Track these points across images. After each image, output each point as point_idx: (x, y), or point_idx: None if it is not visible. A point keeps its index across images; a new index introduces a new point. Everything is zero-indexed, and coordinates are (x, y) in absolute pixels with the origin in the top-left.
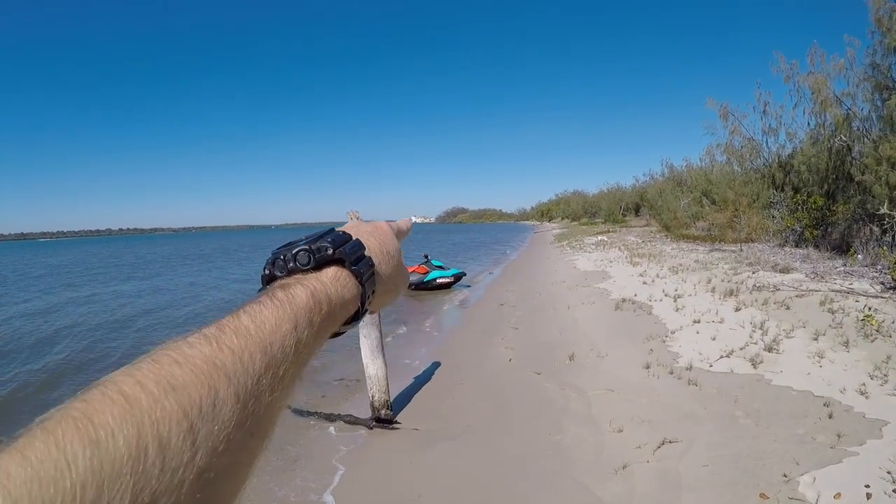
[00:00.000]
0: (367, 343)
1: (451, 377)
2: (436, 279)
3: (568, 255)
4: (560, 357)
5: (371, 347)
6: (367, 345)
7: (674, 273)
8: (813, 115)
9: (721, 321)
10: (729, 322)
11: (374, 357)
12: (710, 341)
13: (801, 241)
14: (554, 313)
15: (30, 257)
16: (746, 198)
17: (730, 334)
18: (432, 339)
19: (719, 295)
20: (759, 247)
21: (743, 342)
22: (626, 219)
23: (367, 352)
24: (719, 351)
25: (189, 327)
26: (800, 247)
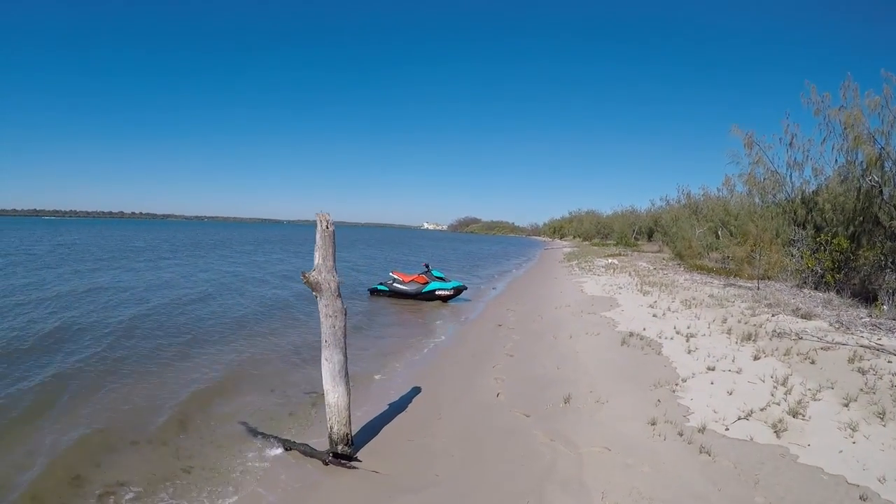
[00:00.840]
0: (329, 367)
1: (430, 408)
2: (435, 290)
3: (576, 276)
4: (554, 397)
5: (333, 373)
6: (328, 369)
7: (686, 307)
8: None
9: (739, 371)
10: (747, 373)
11: (336, 384)
12: (726, 396)
13: (821, 283)
14: (554, 342)
15: (42, 235)
16: (769, 233)
17: (749, 389)
18: (418, 358)
19: (736, 338)
20: (776, 286)
21: (764, 401)
22: (639, 243)
23: (327, 377)
24: (737, 410)
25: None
26: (819, 290)
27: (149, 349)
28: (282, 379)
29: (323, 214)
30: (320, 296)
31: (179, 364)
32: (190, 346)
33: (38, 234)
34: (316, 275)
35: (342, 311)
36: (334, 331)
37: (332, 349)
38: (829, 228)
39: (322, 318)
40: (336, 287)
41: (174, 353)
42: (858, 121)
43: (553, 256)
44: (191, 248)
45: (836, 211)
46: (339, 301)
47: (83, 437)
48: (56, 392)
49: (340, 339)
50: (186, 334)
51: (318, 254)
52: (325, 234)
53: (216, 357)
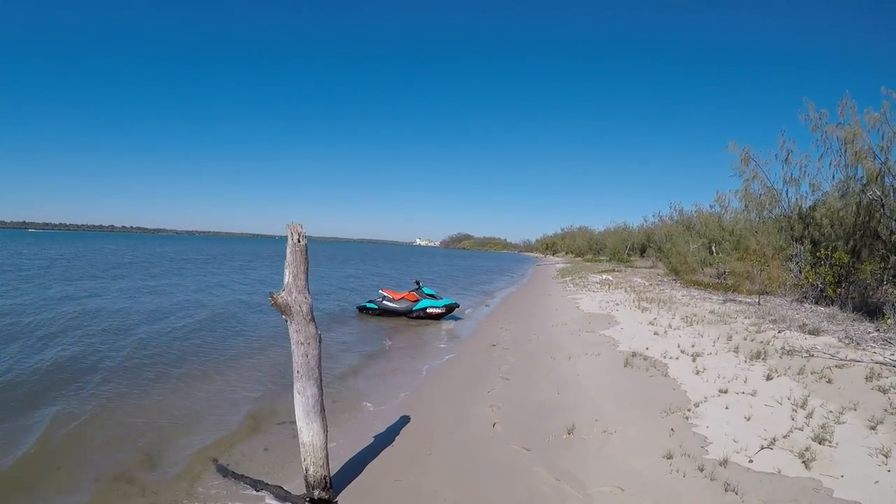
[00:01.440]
0: (302, 402)
1: (419, 441)
2: (426, 308)
3: (571, 293)
4: (556, 428)
5: (306, 408)
6: (301, 404)
7: (688, 324)
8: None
9: (753, 393)
10: (762, 395)
11: (310, 420)
12: (743, 422)
13: (822, 298)
14: (552, 364)
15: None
16: (770, 248)
17: (767, 413)
18: (407, 382)
19: (744, 356)
20: (776, 300)
21: (785, 426)
22: (632, 259)
23: (300, 413)
24: (758, 438)
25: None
26: (820, 304)
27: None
28: (260, 407)
29: (294, 225)
30: (290, 320)
31: (154, 388)
32: (167, 369)
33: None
34: (286, 296)
35: (316, 338)
36: (307, 360)
37: (304, 381)
38: (828, 243)
39: (293, 346)
40: (308, 309)
41: (151, 376)
42: (859, 136)
43: (546, 272)
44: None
45: (835, 225)
46: (312, 326)
47: (41, 473)
48: (18, 421)
49: (314, 370)
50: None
51: (289, 271)
52: (297, 248)
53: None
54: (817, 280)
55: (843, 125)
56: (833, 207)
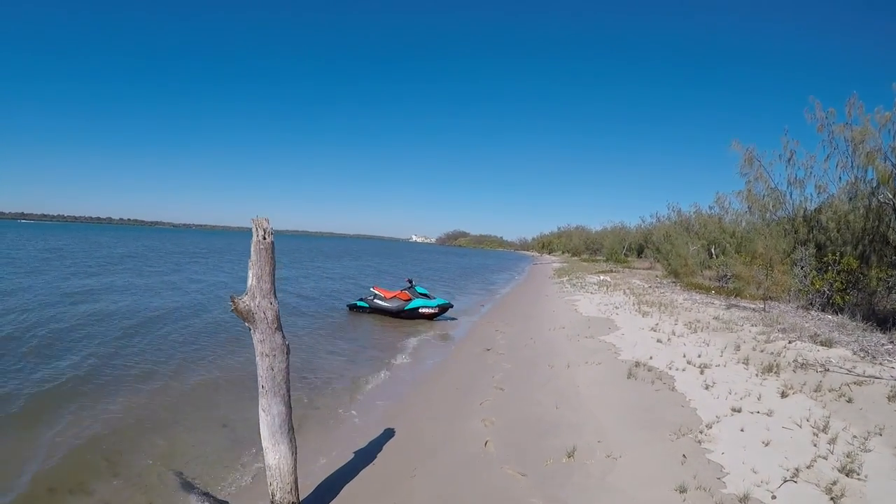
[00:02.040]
0: (267, 421)
1: (403, 460)
2: (418, 308)
3: (568, 294)
4: (555, 449)
5: (272, 427)
6: (266, 423)
7: (692, 331)
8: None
9: (769, 413)
10: (779, 415)
11: (277, 441)
12: (762, 448)
13: (828, 305)
14: (550, 373)
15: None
16: (778, 252)
17: (786, 438)
18: (394, 389)
19: (755, 369)
20: (780, 307)
21: (808, 454)
22: (629, 259)
23: (266, 433)
24: (780, 469)
25: None
26: (826, 311)
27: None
28: (239, 413)
29: (260, 220)
30: (254, 328)
31: (125, 386)
32: (142, 366)
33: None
34: (248, 301)
35: (283, 349)
36: (272, 374)
37: (270, 397)
38: (833, 247)
39: (257, 358)
40: (274, 317)
41: (122, 372)
42: (870, 137)
43: (542, 272)
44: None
45: (843, 229)
46: (278, 335)
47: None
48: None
49: (281, 385)
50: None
51: (252, 273)
52: (262, 246)
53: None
54: (824, 286)
55: (852, 125)
56: (840, 210)
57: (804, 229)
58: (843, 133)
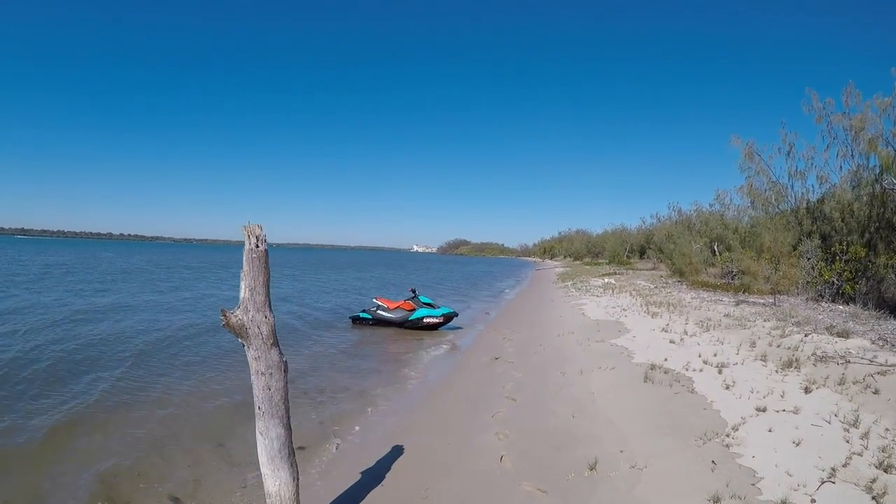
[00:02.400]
0: (265, 445)
1: (414, 480)
2: (423, 318)
3: (574, 298)
4: (575, 461)
5: (270, 452)
6: (264, 447)
7: (704, 330)
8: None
9: (795, 411)
10: (806, 412)
11: (276, 466)
12: (793, 448)
13: (838, 295)
14: (562, 380)
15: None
16: (786, 245)
17: (816, 436)
18: (401, 403)
19: (774, 365)
20: (790, 300)
21: (842, 452)
22: (631, 261)
23: (264, 458)
24: (815, 469)
25: None
26: (837, 302)
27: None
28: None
29: (252, 227)
30: (248, 345)
31: (124, 403)
32: (139, 381)
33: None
34: (241, 314)
35: (280, 367)
36: (269, 394)
37: (267, 419)
38: (839, 236)
39: (252, 377)
40: (269, 331)
41: (122, 388)
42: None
43: (546, 277)
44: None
45: (847, 218)
46: (274, 352)
47: None
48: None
49: (280, 406)
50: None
51: (245, 284)
52: (254, 255)
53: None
54: (833, 276)
55: (850, 114)
56: (843, 199)
57: (808, 221)
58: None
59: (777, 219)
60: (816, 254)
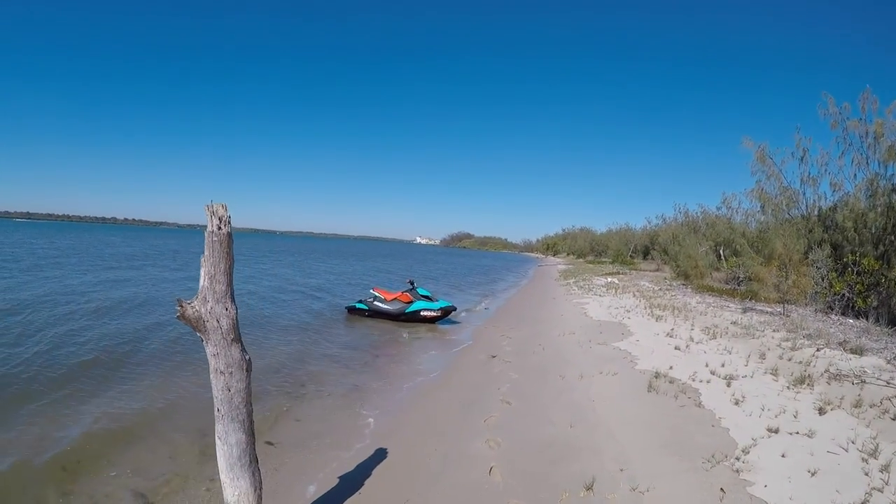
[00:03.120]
0: (224, 451)
1: (395, 488)
2: (420, 311)
3: (576, 297)
4: (570, 478)
5: (230, 459)
6: (223, 453)
7: (711, 337)
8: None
9: (810, 434)
10: (821, 436)
11: (236, 475)
12: (807, 478)
13: (848, 308)
14: (562, 385)
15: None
16: (797, 253)
17: (833, 465)
18: (390, 401)
19: (786, 381)
20: (799, 311)
21: (860, 486)
22: (635, 261)
23: (223, 464)
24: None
25: None
26: (847, 315)
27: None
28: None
29: (215, 206)
30: (206, 339)
31: (99, 388)
32: (125, 365)
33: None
34: (198, 305)
35: (241, 365)
36: (229, 395)
37: (227, 423)
38: (851, 247)
39: (211, 375)
40: (230, 325)
41: (99, 373)
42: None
43: (548, 273)
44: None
45: (860, 228)
46: (235, 348)
47: None
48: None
49: (240, 408)
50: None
51: (205, 271)
52: (215, 238)
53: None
54: (844, 288)
55: (866, 121)
56: (857, 209)
57: (819, 229)
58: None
59: (787, 225)
60: (827, 263)
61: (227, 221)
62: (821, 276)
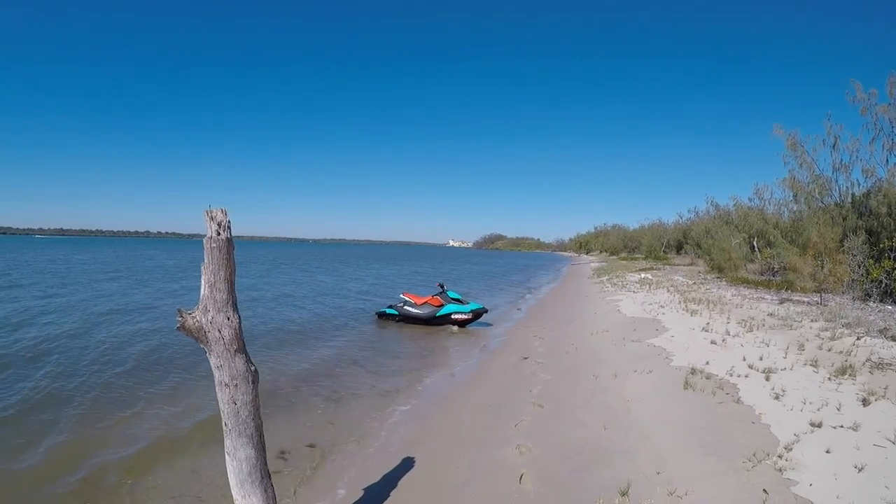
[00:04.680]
0: (234, 466)
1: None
2: (450, 314)
3: (609, 294)
4: (605, 484)
5: (240, 475)
6: (233, 469)
7: (747, 330)
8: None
9: (854, 427)
10: (867, 429)
11: (246, 492)
12: (855, 474)
13: (886, 295)
14: (595, 385)
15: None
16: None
17: (881, 459)
18: (419, 406)
19: (826, 372)
20: (836, 299)
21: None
22: (668, 256)
23: (233, 480)
24: (882, 502)
25: None
26: (885, 302)
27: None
28: None
29: (214, 211)
30: (208, 350)
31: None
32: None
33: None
34: (199, 315)
35: (247, 377)
36: (235, 409)
37: (235, 438)
38: (888, 233)
39: (217, 389)
40: (233, 335)
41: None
42: None
43: (581, 272)
44: None
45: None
46: (240, 359)
47: None
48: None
49: (248, 422)
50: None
51: (205, 279)
52: (214, 244)
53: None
54: (882, 275)
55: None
56: (891, 194)
57: (853, 216)
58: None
59: (821, 213)
60: (863, 250)
61: (226, 226)
62: (857, 263)
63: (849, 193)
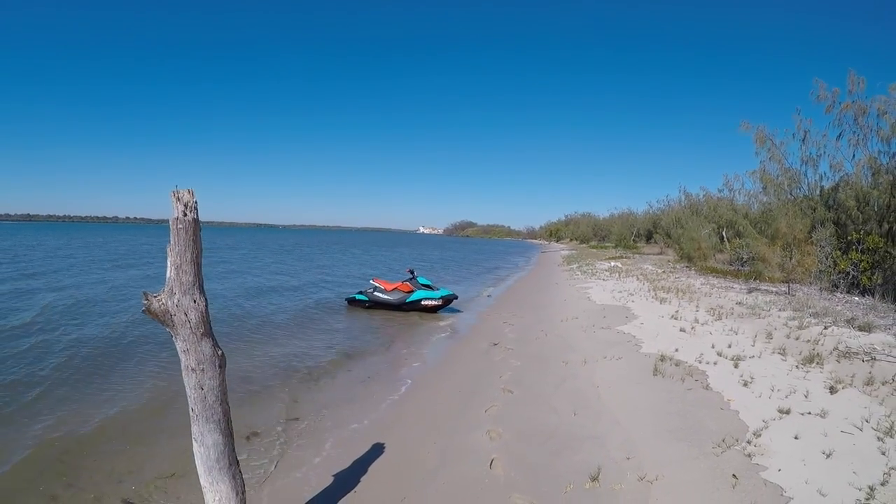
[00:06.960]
0: (202, 453)
1: (392, 485)
2: (420, 300)
3: (579, 281)
4: (575, 470)
5: (207, 462)
6: (200, 456)
7: (716, 318)
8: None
9: (822, 414)
10: (834, 416)
11: (214, 479)
12: (823, 460)
13: (853, 286)
14: (565, 371)
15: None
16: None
17: (848, 446)
18: (389, 391)
19: (794, 360)
20: (804, 289)
21: (878, 466)
22: (638, 245)
23: (201, 468)
24: (850, 487)
25: None
26: (852, 293)
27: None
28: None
29: (181, 192)
30: (175, 334)
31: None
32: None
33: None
34: (165, 298)
35: (214, 361)
36: (202, 394)
37: (202, 424)
38: (854, 225)
39: (183, 373)
40: (199, 318)
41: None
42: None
43: (551, 259)
44: None
45: (863, 206)
46: (206, 343)
47: None
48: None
49: (215, 408)
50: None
51: (171, 261)
52: (180, 225)
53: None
54: (849, 266)
55: (858, 101)
56: (858, 187)
57: (822, 208)
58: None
59: (790, 205)
60: (831, 242)
61: (193, 207)
62: (825, 254)
63: (818, 186)
